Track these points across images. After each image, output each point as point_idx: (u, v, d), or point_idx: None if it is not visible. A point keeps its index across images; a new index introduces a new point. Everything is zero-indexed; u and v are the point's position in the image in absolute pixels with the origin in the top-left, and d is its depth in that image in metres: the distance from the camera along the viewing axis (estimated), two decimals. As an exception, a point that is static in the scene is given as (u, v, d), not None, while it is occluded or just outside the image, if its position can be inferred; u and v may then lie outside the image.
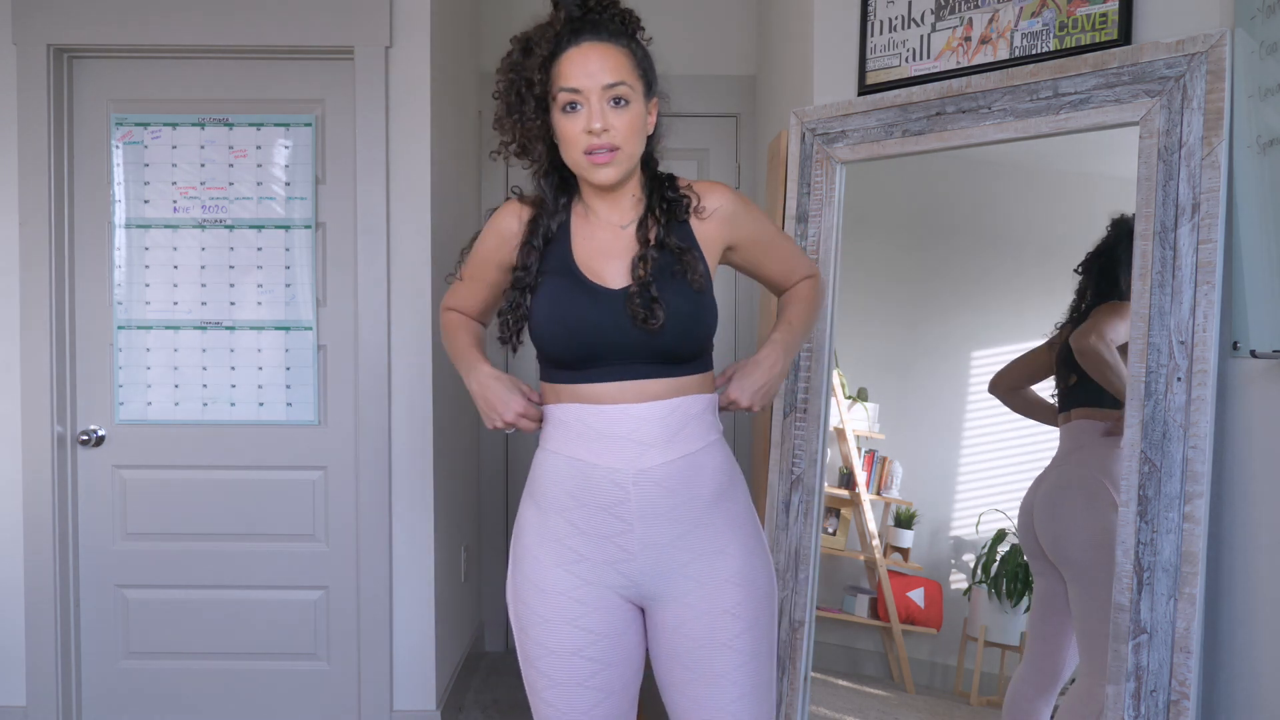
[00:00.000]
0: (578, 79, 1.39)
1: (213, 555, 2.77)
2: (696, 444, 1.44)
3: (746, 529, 1.48)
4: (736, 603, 1.43)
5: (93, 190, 2.75)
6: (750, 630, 1.43)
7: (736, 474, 1.51)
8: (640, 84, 1.42)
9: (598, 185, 1.45)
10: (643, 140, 1.45)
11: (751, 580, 1.45)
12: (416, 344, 2.74)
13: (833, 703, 2.12)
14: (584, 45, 1.40)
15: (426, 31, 2.71)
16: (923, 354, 2.17)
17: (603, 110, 1.39)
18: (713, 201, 1.50)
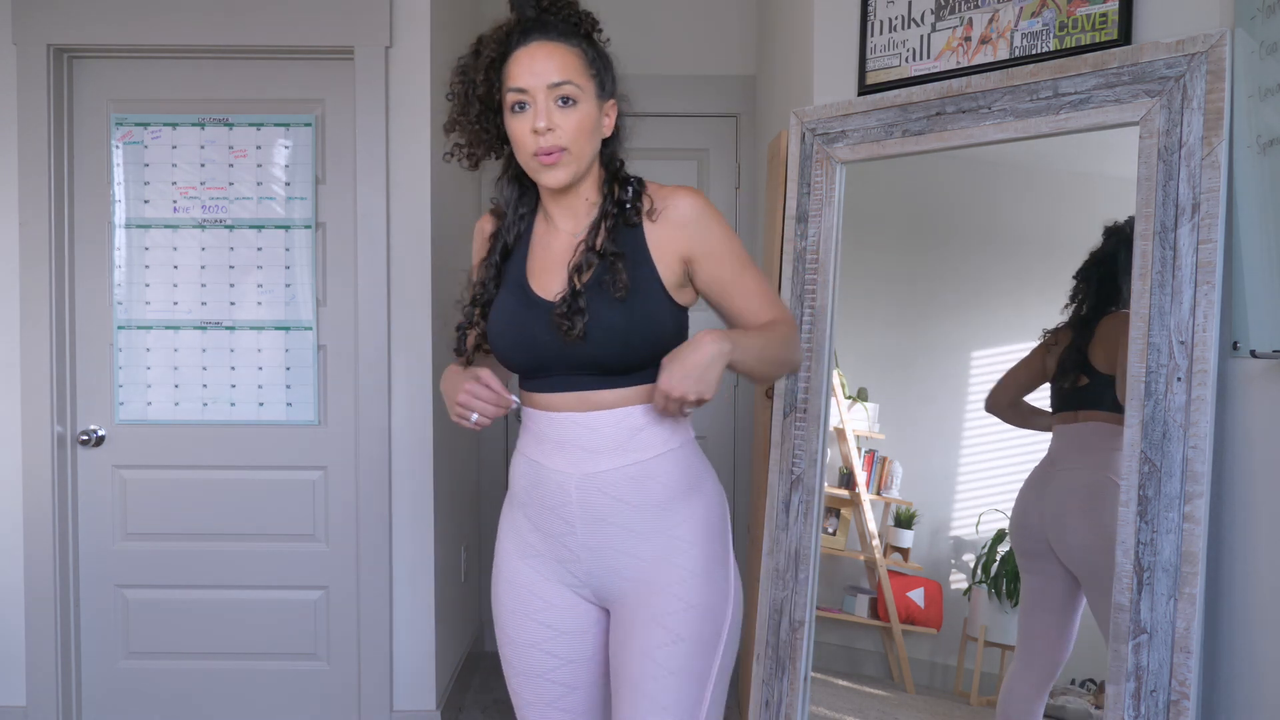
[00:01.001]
0: (523, 78, 1.37)
1: (213, 555, 2.77)
2: (649, 451, 1.41)
3: (701, 542, 1.42)
4: (670, 613, 1.38)
5: (93, 190, 2.75)
6: (679, 644, 1.37)
7: (702, 483, 1.46)
8: (591, 84, 1.40)
9: (547, 187, 1.43)
10: (594, 142, 1.41)
11: (694, 593, 1.39)
12: (416, 344, 2.74)
13: (833, 703, 2.12)
14: (532, 45, 1.39)
15: (426, 31, 2.71)
16: (923, 354, 2.17)
17: (548, 110, 1.36)
18: (671, 205, 1.42)
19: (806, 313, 2.12)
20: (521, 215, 1.52)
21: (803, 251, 2.15)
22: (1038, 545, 1.88)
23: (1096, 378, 1.80)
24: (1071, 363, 1.83)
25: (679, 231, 1.41)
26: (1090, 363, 1.81)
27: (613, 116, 1.46)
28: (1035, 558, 1.89)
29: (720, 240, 1.43)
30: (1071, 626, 1.85)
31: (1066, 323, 1.85)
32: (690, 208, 1.41)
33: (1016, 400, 1.94)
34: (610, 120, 1.45)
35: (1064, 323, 1.85)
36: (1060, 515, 1.86)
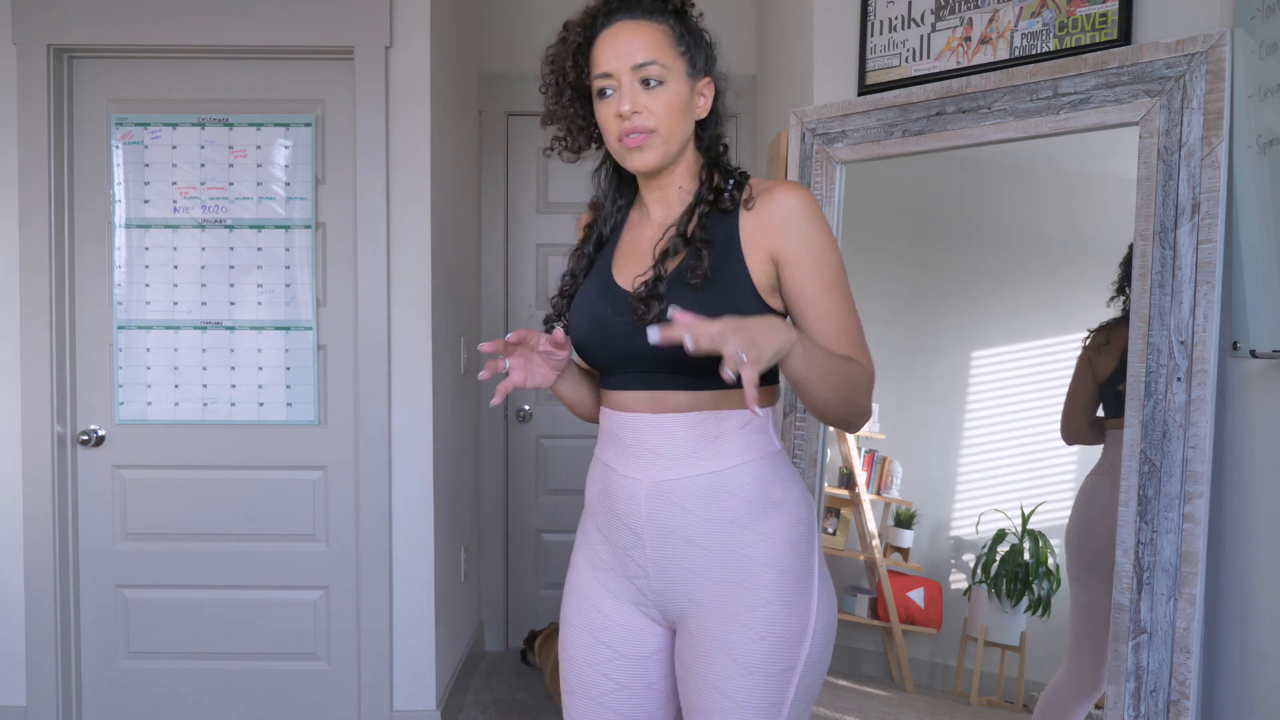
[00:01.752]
0: (607, 62, 1.31)
1: (213, 555, 2.77)
2: (726, 461, 1.30)
3: (780, 565, 1.29)
4: (740, 644, 1.27)
5: (93, 190, 2.75)
6: (750, 677, 1.27)
7: (786, 499, 1.32)
8: (680, 62, 1.31)
9: (636, 171, 1.36)
10: (685, 123, 1.33)
11: (767, 623, 1.27)
12: (416, 344, 2.74)
13: (833, 703, 2.12)
14: (616, 26, 1.32)
15: (426, 31, 2.71)
16: (923, 354, 2.17)
17: (633, 92, 1.29)
18: (772, 197, 1.30)
19: (806, 313, 2.13)
20: (620, 207, 1.45)
21: (803, 251, 2.14)
22: (1101, 557, 1.77)
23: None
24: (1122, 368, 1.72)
25: (772, 227, 1.29)
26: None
27: (708, 96, 1.37)
28: (1096, 570, 1.79)
29: (814, 247, 1.28)
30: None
31: (1118, 319, 1.75)
32: (791, 203, 1.28)
33: (1092, 419, 1.82)
34: (706, 100, 1.36)
35: (1114, 319, 1.76)
36: (1084, 522, 1.83)
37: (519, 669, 3.49)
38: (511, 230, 3.66)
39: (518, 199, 3.66)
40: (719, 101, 1.39)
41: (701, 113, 1.37)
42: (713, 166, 1.37)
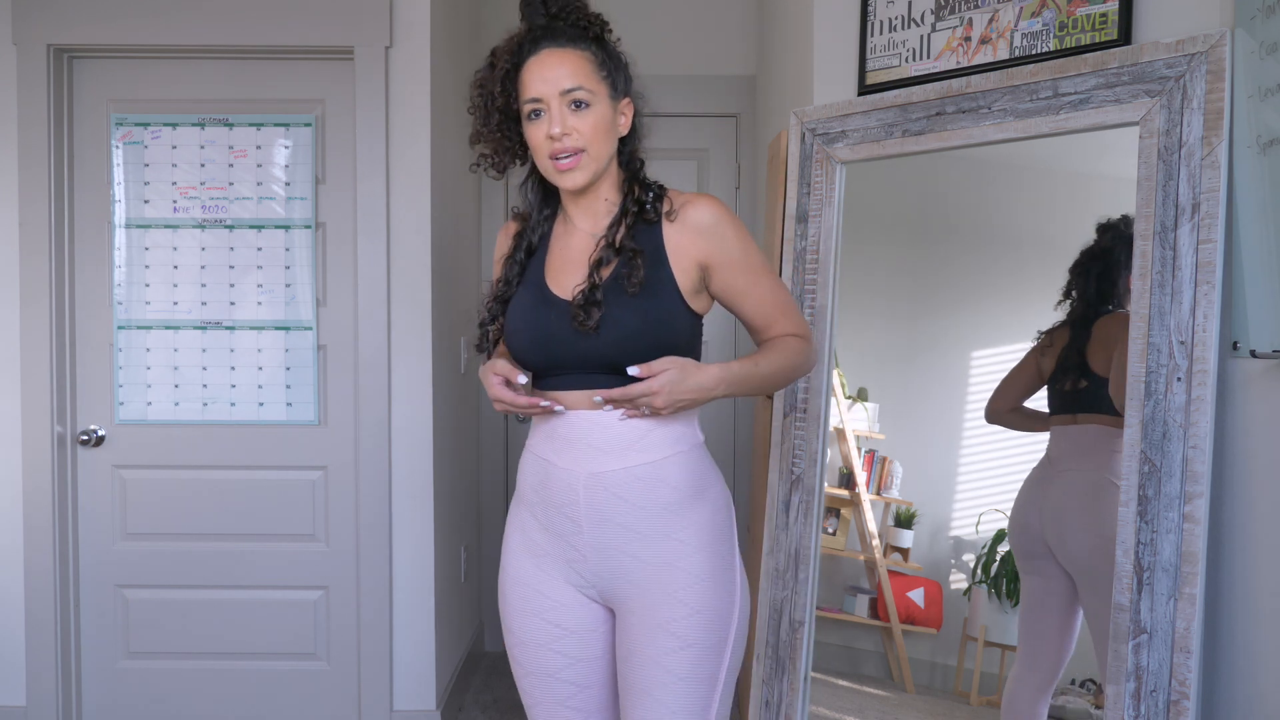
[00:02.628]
0: (537, 87, 1.41)
1: (213, 555, 2.77)
2: (659, 453, 1.42)
3: (707, 546, 1.44)
4: (676, 619, 1.40)
5: (93, 190, 2.75)
6: (688, 650, 1.40)
7: (709, 487, 1.47)
8: (604, 86, 1.43)
9: (567, 190, 1.47)
10: (610, 142, 1.45)
11: (699, 598, 1.41)
12: (416, 344, 2.74)
13: (833, 703, 2.12)
14: (542, 53, 1.42)
15: (426, 31, 2.71)
16: (923, 354, 2.17)
17: (562, 115, 1.40)
18: (690, 210, 1.44)
19: (807, 313, 2.12)
20: (545, 217, 1.56)
21: (803, 251, 2.15)
22: (1037, 546, 1.88)
23: (1094, 380, 1.80)
24: (1070, 364, 1.83)
25: (696, 238, 1.43)
26: (1088, 365, 1.81)
27: (629, 115, 1.48)
28: (1035, 559, 1.89)
29: (737, 248, 1.45)
30: (1073, 627, 1.85)
31: (1063, 323, 1.84)
32: (708, 214, 1.43)
33: (1017, 406, 1.93)
34: (626, 119, 1.48)
35: (1060, 323, 1.85)
36: (1060, 517, 1.86)
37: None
38: (511, 230, 3.66)
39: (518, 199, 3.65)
40: (638, 119, 1.50)
41: (623, 130, 1.48)
42: (633, 180, 1.49)
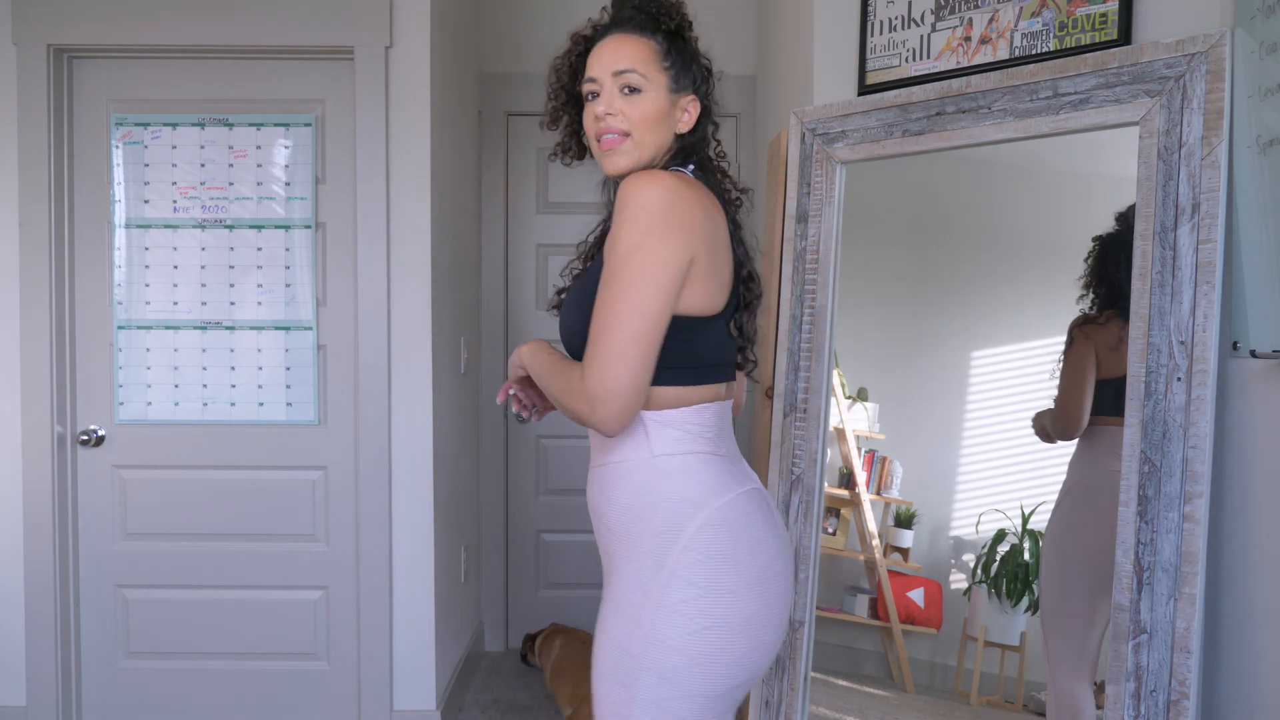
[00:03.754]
0: (594, 68, 1.40)
1: (213, 555, 2.77)
2: (614, 456, 1.34)
3: (645, 550, 1.30)
4: (605, 611, 1.34)
5: (93, 190, 2.75)
6: (609, 643, 1.31)
7: (653, 510, 1.30)
8: (663, 76, 1.39)
9: (609, 175, 1.41)
10: (660, 133, 1.39)
11: (622, 595, 1.31)
12: (417, 344, 2.74)
13: (833, 703, 2.12)
14: (609, 38, 1.41)
15: (426, 31, 2.71)
16: (923, 354, 2.17)
17: (611, 96, 1.37)
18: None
19: (807, 312, 2.12)
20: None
21: (803, 251, 2.15)
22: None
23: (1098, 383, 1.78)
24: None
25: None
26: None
27: (692, 113, 1.42)
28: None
29: (614, 239, 1.27)
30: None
31: (1113, 313, 1.76)
32: (622, 192, 1.29)
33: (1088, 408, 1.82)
34: (690, 116, 1.42)
35: (1110, 314, 1.76)
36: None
37: (519, 669, 3.49)
38: (511, 230, 3.66)
39: (518, 199, 3.66)
40: (703, 120, 1.44)
41: (683, 127, 1.42)
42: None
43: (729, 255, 1.37)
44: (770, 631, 1.31)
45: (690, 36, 1.45)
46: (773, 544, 1.33)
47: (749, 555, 1.29)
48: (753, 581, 1.28)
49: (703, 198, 1.33)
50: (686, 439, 1.32)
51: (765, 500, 1.38)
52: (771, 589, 1.30)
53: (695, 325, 1.32)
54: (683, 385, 1.33)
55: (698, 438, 1.33)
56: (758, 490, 1.37)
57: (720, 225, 1.36)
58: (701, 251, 1.29)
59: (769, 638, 1.31)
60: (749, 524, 1.31)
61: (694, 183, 1.35)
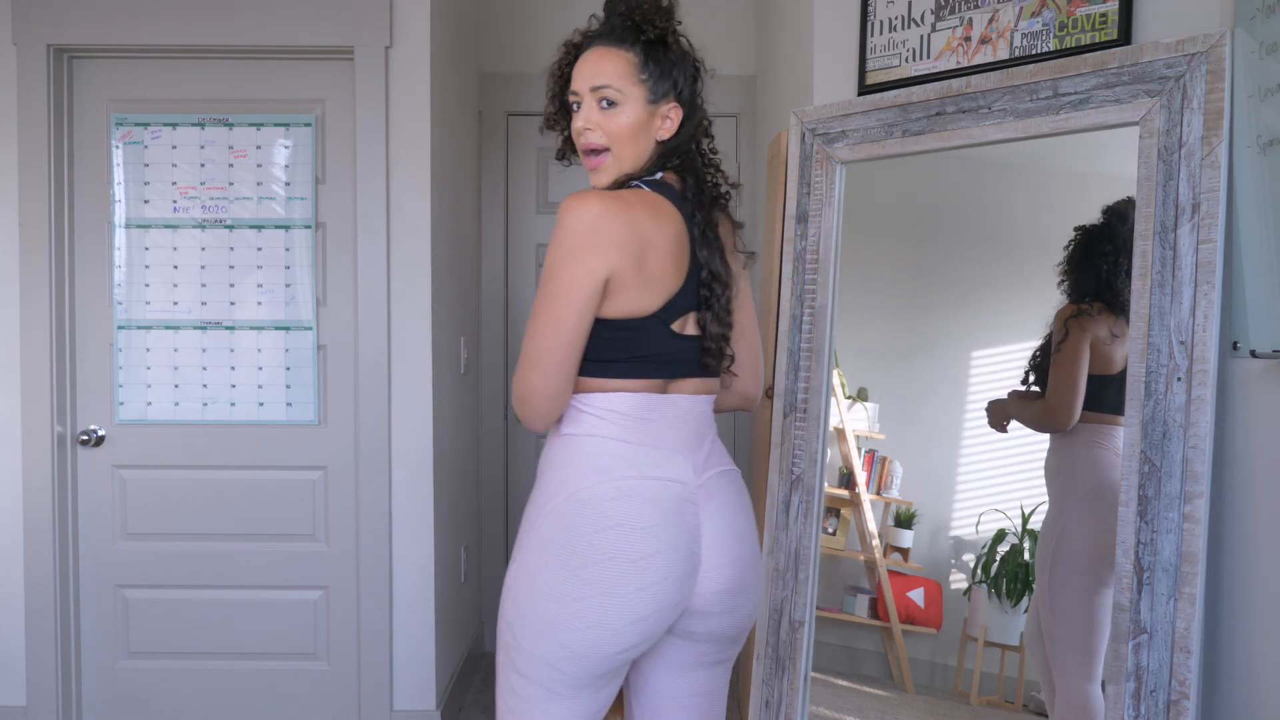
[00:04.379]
0: (575, 80, 1.47)
1: (213, 555, 2.77)
2: (559, 428, 1.44)
3: (519, 548, 1.42)
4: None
5: (93, 190, 2.75)
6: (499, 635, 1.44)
7: (549, 477, 1.41)
8: (639, 89, 1.43)
9: (596, 187, 1.48)
10: (638, 144, 1.45)
11: (506, 589, 1.42)
12: (417, 344, 2.74)
13: (833, 703, 2.12)
14: (591, 50, 1.46)
15: (426, 31, 2.71)
16: (923, 354, 2.17)
17: (589, 110, 1.45)
18: None
19: (807, 312, 2.13)
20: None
21: (803, 251, 2.15)
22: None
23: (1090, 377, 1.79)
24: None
25: None
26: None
27: (674, 119, 1.47)
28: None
29: (548, 254, 1.39)
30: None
31: (1103, 306, 1.77)
32: (558, 213, 1.38)
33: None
34: (671, 123, 1.47)
35: (1099, 306, 1.78)
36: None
37: (519, 669, 3.49)
38: (511, 230, 3.66)
39: (518, 199, 3.66)
40: (686, 124, 1.48)
41: (664, 134, 1.47)
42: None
43: (681, 260, 1.43)
44: (616, 614, 1.34)
45: (675, 41, 1.48)
46: (641, 533, 1.36)
47: (599, 534, 1.35)
48: (600, 561, 1.34)
49: (638, 214, 1.38)
50: (595, 422, 1.40)
51: (674, 493, 1.40)
52: (624, 573, 1.34)
53: (622, 326, 1.39)
54: (606, 377, 1.41)
55: (607, 422, 1.40)
56: (665, 482, 1.40)
57: (667, 232, 1.41)
58: (625, 265, 1.36)
59: (615, 620, 1.35)
60: (613, 506, 1.36)
61: (634, 199, 1.40)
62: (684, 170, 1.49)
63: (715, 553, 1.43)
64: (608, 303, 1.38)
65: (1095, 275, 1.77)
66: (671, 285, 1.42)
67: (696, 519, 1.41)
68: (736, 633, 1.50)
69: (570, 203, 1.36)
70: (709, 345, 1.47)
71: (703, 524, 1.42)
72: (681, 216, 1.44)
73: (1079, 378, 1.79)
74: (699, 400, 1.47)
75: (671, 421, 1.43)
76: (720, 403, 1.59)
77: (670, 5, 1.48)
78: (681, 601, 1.40)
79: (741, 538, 1.47)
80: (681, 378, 1.45)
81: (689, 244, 1.45)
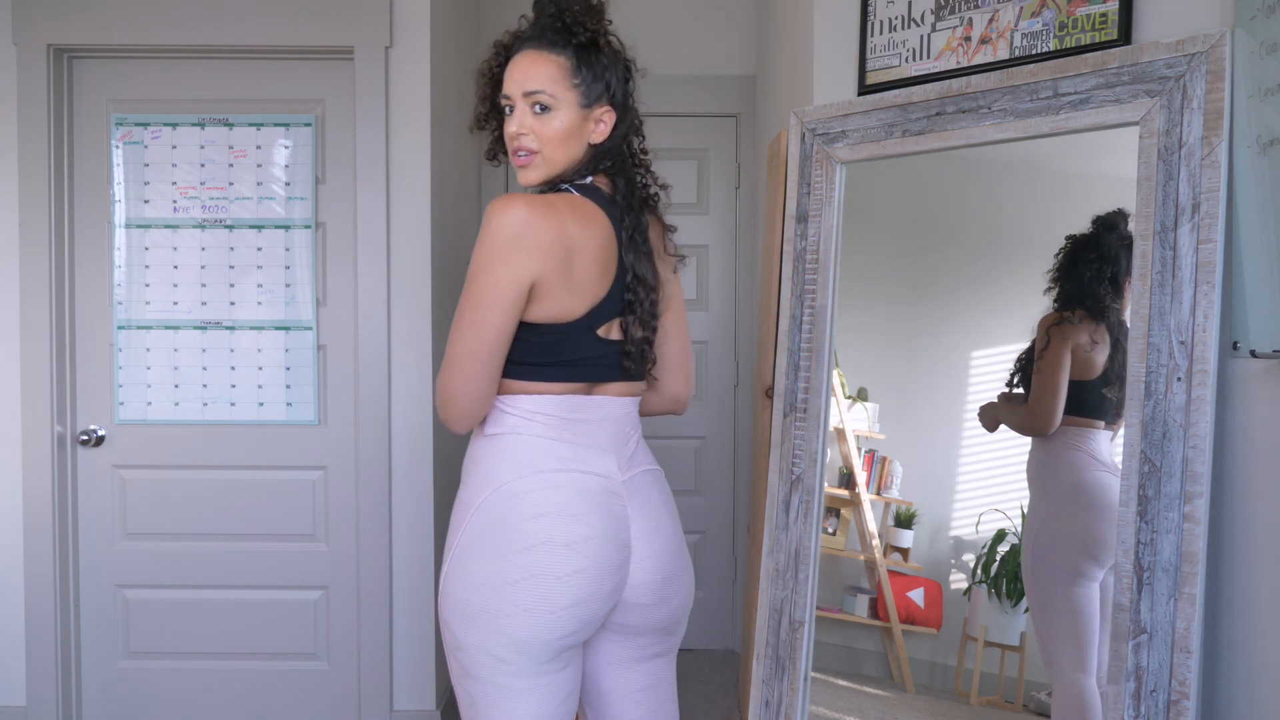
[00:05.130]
0: (507, 84, 1.47)
1: (213, 555, 2.77)
2: (481, 430, 1.47)
3: (452, 541, 1.44)
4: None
5: (93, 190, 2.75)
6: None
7: (474, 472, 1.44)
8: (572, 94, 1.44)
9: (522, 185, 1.50)
10: (571, 148, 1.46)
11: (440, 594, 1.45)
12: (416, 344, 2.74)
13: (833, 703, 2.12)
14: (522, 53, 1.46)
15: (426, 31, 2.71)
16: (923, 354, 2.17)
17: (522, 114, 1.45)
18: None
19: (807, 313, 2.13)
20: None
21: (803, 251, 2.15)
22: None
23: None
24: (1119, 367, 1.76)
25: None
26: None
27: (607, 123, 1.48)
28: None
29: (473, 256, 1.40)
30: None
31: (1084, 313, 1.80)
32: (484, 215, 1.39)
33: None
34: (604, 126, 1.48)
35: (1081, 313, 1.80)
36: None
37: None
38: (511, 230, 3.66)
39: (518, 199, 3.66)
40: (619, 127, 1.49)
41: (596, 138, 1.48)
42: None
43: (607, 265, 1.44)
44: (551, 598, 1.37)
45: (606, 43, 1.48)
46: (571, 519, 1.38)
47: (530, 521, 1.37)
48: (533, 546, 1.36)
49: (565, 218, 1.39)
50: (519, 422, 1.42)
51: (601, 486, 1.42)
52: (558, 556, 1.37)
53: (547, 330, 1.41)
54: (530, 380, 1.43)
55: (533, 423, 1.42)
56: (592, 475, 1.42)
57: (593, 237, 1.42)
58: (549, 269, 1.37)
59: (551, 603, 1.37)
60: (541, 496, 1.38)
61: (560, 204, 1.41)
62: (615, 172, 1.50)
63: (643, 545, 1.46)
64: (532, 306, 1.39)
65: (1080, 282, 1.79)
66: (598, 291, 1.44)
67: (624, 511, 1.44)
68: (672, 623, 1.53)
69: (496, 205, 1.36)
70: (629, 349, 1.48)
71: (631, 517, 1.45)
72: (610, 221, 1.46)
73: (1060, 385, 1.82)
74: (624, 402, 1.50)
75: (597, 422, 1.46)
76: (649, 405, 1.62)
77: (600, 5, 1.48)
78: (616, 589, 1.43)
79: (667, 532, 1.50)
80: (606, 381, 1.48)
81: (616, 249, 1.46)
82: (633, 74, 1.51)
